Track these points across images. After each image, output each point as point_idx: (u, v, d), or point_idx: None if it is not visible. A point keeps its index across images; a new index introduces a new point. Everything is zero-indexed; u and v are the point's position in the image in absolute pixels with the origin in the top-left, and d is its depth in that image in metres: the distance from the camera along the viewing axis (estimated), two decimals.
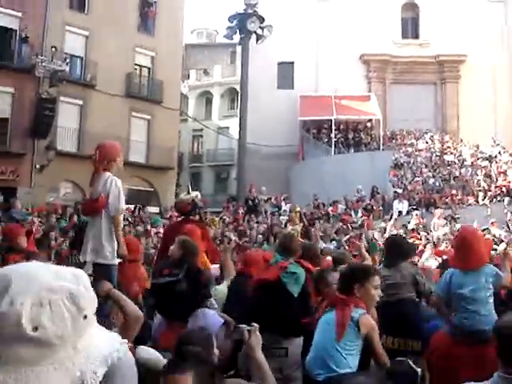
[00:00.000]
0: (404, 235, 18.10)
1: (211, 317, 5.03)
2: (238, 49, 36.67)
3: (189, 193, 9.83)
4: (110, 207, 5.35)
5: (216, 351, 3.79)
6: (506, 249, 6.45)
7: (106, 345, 1.71)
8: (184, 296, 4.98)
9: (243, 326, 4.03)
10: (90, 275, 4.93)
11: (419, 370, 3.62)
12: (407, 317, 5.80)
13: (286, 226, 10.63)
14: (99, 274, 5.03)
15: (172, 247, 5.86)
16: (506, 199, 26.73)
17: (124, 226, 13.19)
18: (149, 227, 19.25)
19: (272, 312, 4.83)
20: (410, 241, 16.11)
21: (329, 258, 8.51)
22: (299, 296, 5.23)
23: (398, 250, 6.41)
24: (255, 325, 4.03)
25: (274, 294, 5.17)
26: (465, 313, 5.26)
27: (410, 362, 3.66)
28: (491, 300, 5.34)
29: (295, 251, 6.09)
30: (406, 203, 27.09)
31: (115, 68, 32.26)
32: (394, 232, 20.05)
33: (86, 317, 1.62)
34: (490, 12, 39.14)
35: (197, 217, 9.26)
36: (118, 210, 5.44)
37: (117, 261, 5.37)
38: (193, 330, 3.89)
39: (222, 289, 6.96)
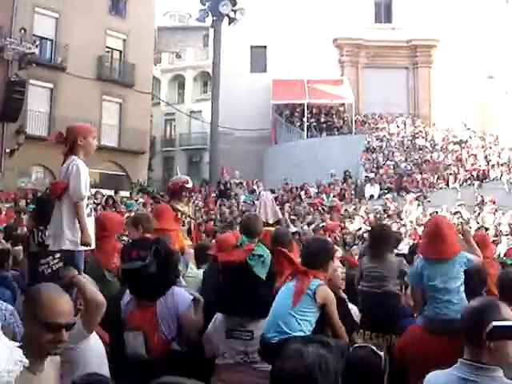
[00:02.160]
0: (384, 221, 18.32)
1: (180, 294, 5.03)
2: (211, 32, 36.44)
3: (177, 174, 9.86)
4: (72, 193, 5.21)
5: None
6: (462, 227, 6.40)
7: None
8: (154, 278, 4.95)
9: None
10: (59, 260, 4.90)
11: (382, 353, 3.63)
12: (388, 310, 5.81)
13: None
14: (65, 259, 4.97)
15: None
16: (476, 183, 27.09)
17: (96, 210, 13.10)
18: (123, 211, 19.08)
19: (238, 294, 4.83)
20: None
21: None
22: (266, 278, 5.23)
23: (384, 241, 6.35)
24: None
25: (240, 276, 5.15)
26: (438, 303, 5.18)
27: (373, 347, 3.67)
28: (462, 288, 5.33)
29: (260, 232, 6.02)
30: (377, 187, 27.31)
31: (86, 51, 31.83)
32: (366, 216, 20.23)
33: None
34: None
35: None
36: (80, 195, 5.32)
37: (81, 247, 5.26)
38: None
39: (199, 272, 6.97)
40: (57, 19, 31.70)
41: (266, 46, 39.89)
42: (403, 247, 15.23)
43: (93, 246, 5.40)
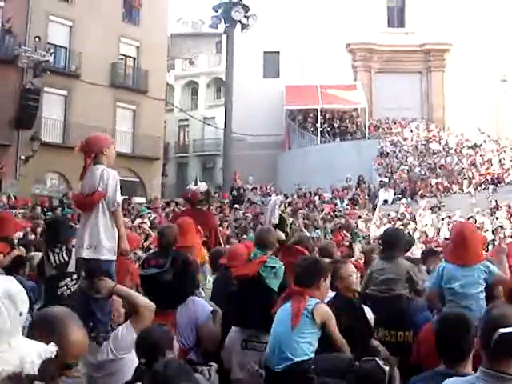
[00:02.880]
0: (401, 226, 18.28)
1: (200, 304, 5.07)
2: (224, 38, 36.49)
3: (196, 183, 9.87)
4: (109, 201, 5.24)
5: (176, 345, 3.83)
6: (500, 244, 6.41)
7: (35, 344, 1.76)
8: (170, 286, 4.98)
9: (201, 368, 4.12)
10: (87, 272, 4.91)
11: (387, 368, 3.64)
12: (400, 312, 5.79)
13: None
14: (97, 270, 4.95)
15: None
16: (491, 187, 26.95)
17: None
18: (137, 220, 19.08)
19: (252, 307, 4.83)
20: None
21: None
22: (279, 290, 5.24)
23: (396, 243, 6.31)
24: (214, 365, 4.11)
25: (253, 289, 5.17)
26: (455, 308, 5.21)
27: (379, 361, 3.68)
28: (483, 296, 5.34)
29: (272, 244, 6.05)
30: (391, 192, 27.22)
31: (100, 58, 31.98)
32: (379, 221, 20.18)
33: (21, 314, 1.67)
34: (475, 1, 39.15)
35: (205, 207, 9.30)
36: (119, 204, 5.38)
37: (114, 257, 5.29)
38: (151, 327, 3.92)
39: (209, 283, 7.00)
40: (70, 27, 31.87)
41: (278, 52, 39.94)
42: (416, 252, 15.29)
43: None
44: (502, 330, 2.44)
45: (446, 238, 16.05)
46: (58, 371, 2.40)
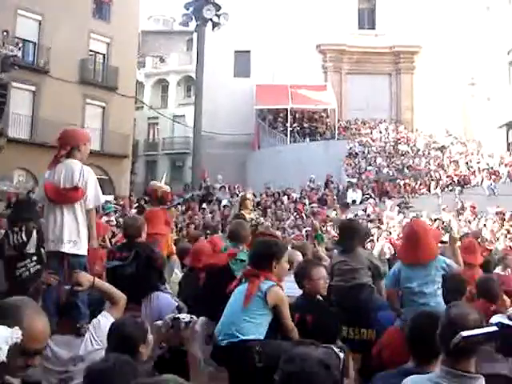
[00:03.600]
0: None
1: (165, 299, 5.05)
2: (195, 36, 36.39)
3: (161, 181, 9.84)
4: (91, 198, 5.22)
5: (150, 337, 3.80)
6: (451, 235, 6.44)
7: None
8: (132, 279, 4.96)
9: (182, 316, 4.06)
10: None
11: (342, 355, 3.67)
12: (362, 304, 5.81)
13: (240, 211, 10.58)
14: (78, 265, 4.94)
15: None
16: (457, 189, 27.27)
17: None
18: (103, 217, 18.96)
19: (220, 299, 4.83)
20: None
21: None
22: None
23: (354, 234, 6.35)
24: (195, 318, 4.06)
25: (222, 280, 5.17)
26: (414, 307, 5.25)
27: (335, 348, 3.70)
28: (440, 292, 5.40)
29: (245, 239, 6.10)
30: (359, 192, 27.38)
31: (69, 54, 31.69)
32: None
33: None
34: (444, 3, 39.56)
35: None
36: (97, 202, 5.37)
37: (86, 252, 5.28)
38: (124, 319, 3.91)
39: (179, 275, 6.99)
40: (40, 22, 31.56)
41: (249, 51, 39.97)
42: (386, 251, 15.42)
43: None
44: (463, 334, 2.47)
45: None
46: (24, 360, 2.43)
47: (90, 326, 4.28)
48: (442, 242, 6.93)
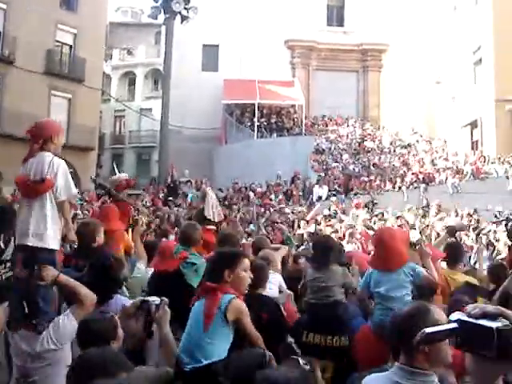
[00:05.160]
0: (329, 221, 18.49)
1: (121, 303, 4.99)
2: (163, 29, 36.23)
3: (115, 174, 9.76)
4: (60, 191, 5.12)
5: (121, 332, 3.76)
6: (420, 246, 6.48)
7: None
8: (91, 288, 4.88)
9: (151, 299, 4.01)
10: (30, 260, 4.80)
11: (308, 367, 3.65)
12: (337, 317, 5.77)
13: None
14: (42, 258, 4.85)
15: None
16: (422, 186, 27.60)
17: None
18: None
19: (171, 304, 4.71)
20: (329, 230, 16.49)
21: None
22: (198, 286, 5.17)
23: (329, 253, 6.19)
24: (165, 299, 4.01)
25: (173, 285, 5.12)
26: (383, 310, 5.41)
27: (300, 360, 3.67)
28: (408, 298, 5.46)
29: (196, 241, 6.05)
30: (325, 188, 27.54)
31: (35, 44, 31.21)
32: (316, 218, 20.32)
33: None
34: (411, 2, 39.93)
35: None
36: (70, 193, 5.26)
37: (58, 247, 5.18)
38: (93, 315, 3.86)
39: (142, 268, 6.90)
40: (5, 11, 31.03)
41: (218, 45, 39.91)
42: (348, 248, 15.49)
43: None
44: (427, 330, 2.50)
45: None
46: None
47: (50, 325, 4.23)
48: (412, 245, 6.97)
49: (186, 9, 31.63)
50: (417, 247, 6.21)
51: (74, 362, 3.08)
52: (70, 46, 34.71)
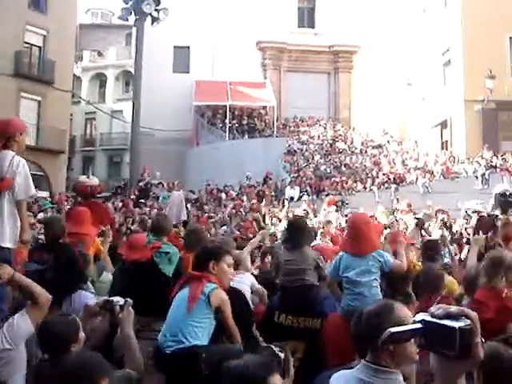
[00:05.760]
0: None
1: (85, 299, 4.94)
2: (134, 31, 36.06)
3: (88, 177, 9.66)
4: (18, 190, 5.04)
5: (82, 335, 3.73)
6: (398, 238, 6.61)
7: None
8: (52, 284, 4.83)
9: (116, 299, 3.99)
10: None
11: (282, 355, 3.66)
12: (310, 300, 5.85)
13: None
14: (1, 257, 4.78)
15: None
16: (393, 186, 27.80)
17: None
18: (40, 214, 18.58)
19: (146, 294, 4.73)
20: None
21: None
22: (173, 276, 5.18)
23: (302, 234, 6.34)
24: (129, 300, 4.00)
25: (147, 275, 5.10)
26: (351, 295, 5.48)
27: (274, 348, 3.69)
28: (376, 284, 5.55)
29: (167, 230, 6.06)
30: (297, 189, 27.63)
31: (3, 46, 30.84)
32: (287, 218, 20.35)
33: None
34: (382, 4, 40.24)
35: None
36: (28, 193, 5.19)
37: (14, 246, 5.11)
38: (54, 318, 3.81)
39: (106, 276, 6.85)
40: None
41: (189, 47, 39.83)
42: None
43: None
44: (391, 330, 2.52)
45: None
46: None
47: (4, 324, 4.17)
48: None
49: (156, 10, 31.51)
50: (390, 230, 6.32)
51: (58, 368, 3.03)
52: (40, 48, 34.36)
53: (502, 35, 32.03)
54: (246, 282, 6.38)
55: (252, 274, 7.15)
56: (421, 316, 2.06)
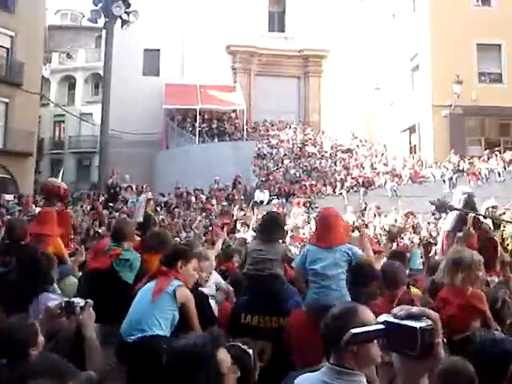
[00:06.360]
0: None
1: (51, 301, 4.92)
2: (104, 33, 35.83)
3: (59, 179, 9.59)
4: None
5: (41, 339, 3.71)
6: (361, 232, 6.69)
7: None
8: (15, 286, 4.80)
9: (76, 300, 3.98)
10: None
11: (251, 351, 3.68)
12: (274, 294, 5.82)
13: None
14: None
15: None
16: (362, 190, 28.01)
17: None
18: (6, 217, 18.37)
19: (107, 302, 4.70)
20: None
21: None
22: (135, 282, 5.17)
23: (277, 228, 6.31)
24: (90, 301, 4.00)
25: (107, 282, 5.09)
26: (317, 288, 5.43)
27: (242, 346, 3.70)
28: (343, 277, 5.53)
29: (128, 236, 6.00)
30: (267, 193, 27.70)
31: None
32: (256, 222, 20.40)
33: None
34: (352, 9, 40.56)
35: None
36: None
37: None
38: (11, 321, 3.78)
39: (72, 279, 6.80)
40: None
41: (159, 50, 39.69)
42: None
43: None
44: (353, 331, 2.56)
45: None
46: None
47: None
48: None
49: (126, 13, 31.35)
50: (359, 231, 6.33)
51: (17, 372, 3.01)
52: (7, 49, 33.96)
53: (470, 41, 32.42)
54: (211, 279, 6.43)
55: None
56: (383, 317, 2.11)
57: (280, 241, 6.42)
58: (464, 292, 5.10)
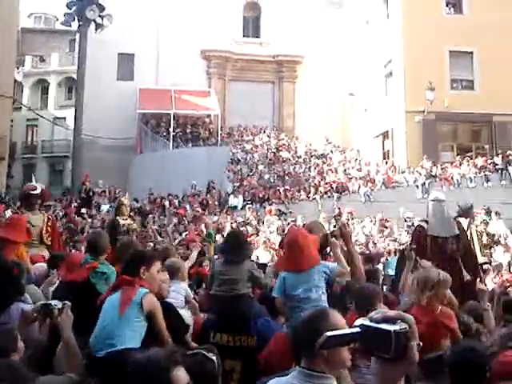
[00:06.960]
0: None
1: (23, 311, 4.87)
2: (78, 37, 35.60)
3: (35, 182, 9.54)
4: None
5: (21, 345, 3.69)
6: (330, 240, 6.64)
7: None
8: None
9: (54, 302, 3.96)
10: None
11: (214, 357, 3.68)
12: (242, 313, 5.79)
13: (116, 216, 10.40)
14: None
15: None
16: (335, 195, 28.15)
17: None
18: None
19: (83, 315, 4.67)
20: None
21: None
22: None
23: (240, 248, 6.32)
24: (67, 303, 3.98)
25: (83, 296, 5.05)
26: (300, 313, 5.27)
27: (205, 353, 3.70)
28: (324, 298, 5.52)
29: (104, 249, 5.94)
30: (241, 198, 27.71)
31: None
32: (231, 227, 20.43)
33: None
34: (327, 16, 40.82)
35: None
36: None
37: None
38: None
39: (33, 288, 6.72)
40: None
41: (133, 54, 39.54)
42: (263, 256, 15.66)
43: None
44: (328, 334, 2.57)
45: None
46: None
47: None
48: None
49: (100, 16, 31.18)
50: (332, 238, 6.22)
51: None
52: None
53: (442, 48, 32.73)
54: (181, 291, 6.42)
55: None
56: (360, 321, 2.14)
57: (245, 260, 6.37)
58: (433, 310, 5.17)
